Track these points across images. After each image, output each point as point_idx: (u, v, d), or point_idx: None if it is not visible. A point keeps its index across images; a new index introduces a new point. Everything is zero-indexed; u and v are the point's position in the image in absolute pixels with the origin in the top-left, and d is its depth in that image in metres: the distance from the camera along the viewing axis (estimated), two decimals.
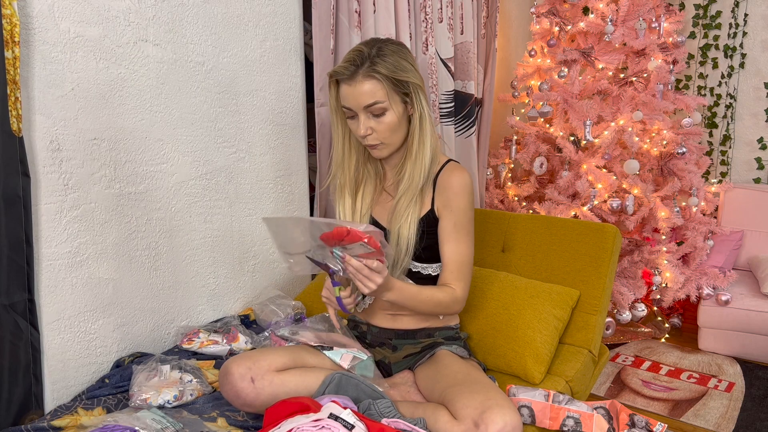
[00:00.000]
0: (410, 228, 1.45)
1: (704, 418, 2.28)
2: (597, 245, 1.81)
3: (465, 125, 2.83)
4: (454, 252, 1.48)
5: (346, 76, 1.38)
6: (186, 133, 1.76)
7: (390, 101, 1.40)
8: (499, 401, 1.23)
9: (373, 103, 1.39)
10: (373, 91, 1.38)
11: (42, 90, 1.41)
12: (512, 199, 3.16)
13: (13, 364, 1.39)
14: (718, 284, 2.84)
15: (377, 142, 1.44)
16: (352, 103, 1.40)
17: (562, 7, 3.07)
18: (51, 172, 1.45)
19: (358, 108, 1.40)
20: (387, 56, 1.39)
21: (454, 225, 1.47)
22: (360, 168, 1.54)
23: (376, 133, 1.42)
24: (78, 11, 1.46)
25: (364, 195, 1.55)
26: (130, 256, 1.65)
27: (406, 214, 1.45)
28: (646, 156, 2.90)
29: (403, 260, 1.46)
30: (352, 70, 1.37)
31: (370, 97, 1.38)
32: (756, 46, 3.30)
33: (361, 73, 1.37)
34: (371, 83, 1.38)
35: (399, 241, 1.45)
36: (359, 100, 1.38)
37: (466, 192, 1.47)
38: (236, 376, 1.35)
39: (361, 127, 1.41)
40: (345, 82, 1.39)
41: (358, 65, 1.37)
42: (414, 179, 1.45)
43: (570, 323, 1.80)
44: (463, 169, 1.51)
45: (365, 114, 1.40)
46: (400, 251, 1.45)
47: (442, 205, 1.48)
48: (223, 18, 1.81)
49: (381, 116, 1.41)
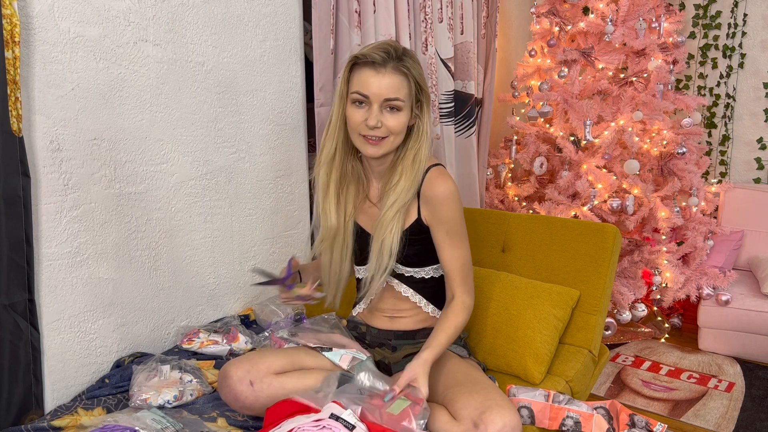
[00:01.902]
0: (393, 238, 1.42)
1: (704, 418, 2.28)
2: (597, 245, 1.81)
3: (465, 125, 2.83)
4: (451, 258, 1.46)
5: (378, 62, 1.34)
6: (186, 133, 1.76)
7: (407, 103, 1.38)
8: (499, 402, 1.23)
9: (395, 99, 1.35)
10: (399, 86, 1.35)
11: (42, 90, 1.41)
12: (512, 199, 3.16)
13: (13, 364, 1.39)
14: (718, 284, 2.83)
15: (385, 135, 1.38)
16: (373, 90, 1.34)
17: (562, 7, 3.06)
18: (51, 172, 1.45)
19: (377, 98, 1.35)
20: (416, 60, 1.40)
21: (446, 233, 1.45)
22: (346, 168, 1.50)
23: (385, 128, 1.38)
24: (78, 11, 1.46)
25: (347, 198, 1.51)
26: (130, 256, 1.65)
27: (391, 225, 1.42)
28: (646, 156, 2.90)
29: (387, 267, 1.44)
30: (384, 57, 1.34)
31: (395, 92, 1.35)
32: (755, 46, 3.30)
33: (392, 64, 1.34)
34: (401, 78, 1.35)
35: (382, 249, 1.42)
36: (383, 90, 1.34)
37: (452, 199, 1.44)
38: (235, 379, 1.35)
39: (372, 117, 1.36)
40: (372, 68, 1.34)
41: (391, 55, 1.34)
42: (402, 194, 1.42)
43: (570, 323, 1.80)
44: (446, 174, 1.47)
45: (380, 106, 1.36)
46: (382, 259, 1.43)
47: (430, 215, 1.45)
48: (223, 18, 1.81)
49: (394, 114, 1.37)
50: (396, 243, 1.41)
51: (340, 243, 1.50)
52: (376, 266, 1.43)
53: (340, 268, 1.52)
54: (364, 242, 1.50)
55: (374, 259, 1.44)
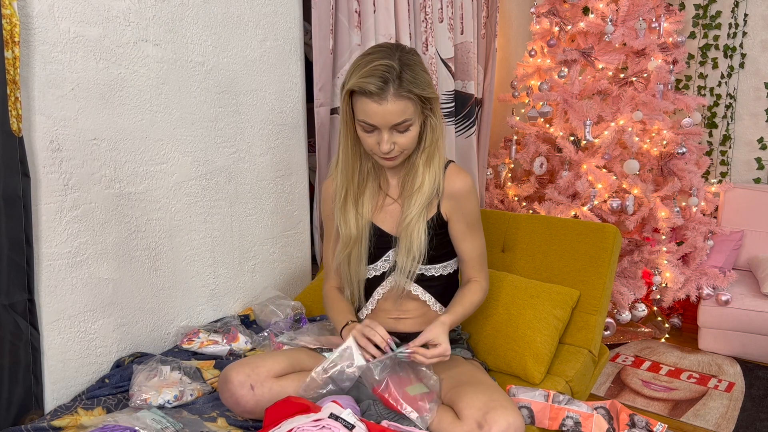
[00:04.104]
0: (421, 236, 1.44)
1: (704, 418, 2.28)
2: (597, 245, 1.81)
3: (465, 125, 2.83)
4: (471, 249, 1.54)
5: (375, 94, 1.30)
6: (186, 133, 1.76)
7: (416, 116, 1.38)
8: (503, 402, 1.23)
9: (402, 122, 1.35)
10: (404, 110, 1.33)
11: (42, 90, 1.41)
12: (512, 199, 3.16)
13: (13, 364, 1.39)
14: (718, 284, 2.83)
15: (398, 154, 1.40)
16: (378, 121, 1.33)
17: (562, 7, 3.06)
18: (51, 172, 1.45)
19: (384, 126, 1.35)
20: (415, 71, 1.34)
21: (467, 225, 1.52)
22: (363, 174, 1.51)
23: (397, 146, 1.39)
24: (78, 11, 1.46)
25: (364, 202, 1.52)
26: (130, 256, 1.65)
27: (418, 225, 1.44)
28: (646, 156, 2.90)
29: (414, 267, 1.46)
30: (382, 86, 1.30)
31: (399, 117, 1.33)
32: (756, 46, 3.30)
33: (392, 93, 1.31)
34: (404, 103, 1.33)
35: (411, 248, 1.45)
36: (387, 118, 1.33)
37: (473, 193, 1.52)
38: (236, 383, 1.34)
39: (384, 143, 1.36)
40: (372, 100, 1.31)
41: (388, 82, 1.30)
42: (426, 189, 1.44)
43: (570, 323, 1.80)
44: (464, 170, 1.52)
45: (390, 131, 1.36)
46: (413, 259, 1.45)
47: (451, 210, 1.50)
48: (223, 18, 1.81)
49: (405, 132, 1.37)
50: (424, 241, 1.46)
51: (359, 246, 1.52)
52: (404, 265, 1.46)
53: (358, 269, 1.54)
54: (383, 242, 1.52)
55: (403, 258, 1.46)
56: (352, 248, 1.51)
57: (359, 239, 1.51)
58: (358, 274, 1.54)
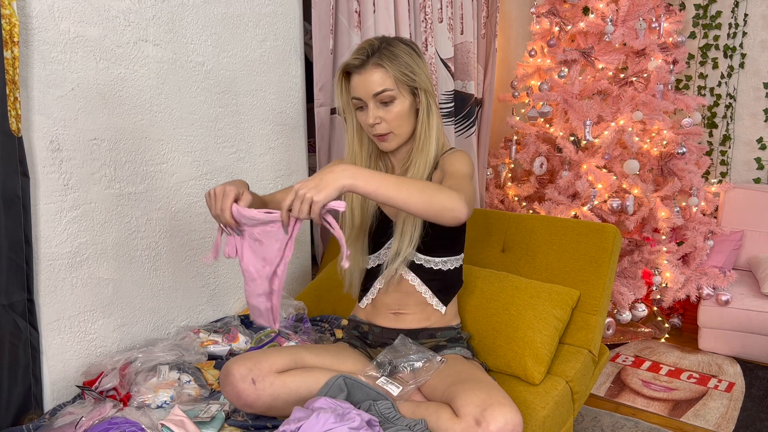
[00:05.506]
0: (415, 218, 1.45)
1: (704, 418, 2.28)
2: (597, 245, 1.81)
3: (465, 125, 2.83)
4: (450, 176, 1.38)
5: (356, 66, 1.42)
6: (186, 133, 1.76)
7: (399, 90, 1.43)
8: (501, 399, 1.23)
9: (382, 91, 1.41)
10: (382, 79, 1.41)
11: (42, 90, 1.41)
12: (512, 199, 3.16)
13: (13, 364, 1.39)
14: (718, 284, 2.83)
15: (387, 132, 1.45)
16: (361, 92, 1.42)
17: (562, 7, 3.06)
18: (51, 172, 1.45)
19: (367, 96, 1.42)
20: (396, 51, 1.43)
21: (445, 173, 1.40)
22: (371, 165, 1.56)
23: (385, 123, 1.44)
24: (78, 11, 1.46)
25: None
26: (130, 256, 1.65)
27: None
28: (646, 156, 2.90)
29: (406, 251, 1.47)
30: (363, 59, 1.41)
31: (378, 85, 1.41)
32: (756, 46, 3.30)
33: (370, 63, 1.41)
34: (380, 72, 1.41)
35: (404, 230, 1.46)
36: (368, 87, 1.41)
37: (462, 158, 1.45)
38: (237, 377, 1.35)
39: (370, 116, 1.43)
40: (355, 72, 1.42)
41: (368, 55, 1.41)
42: (419, 169, 1.47)
43: (570, 323, 1.80)
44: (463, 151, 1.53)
45: (374, 102, 1.43)
46: (408, 240, 1.46)
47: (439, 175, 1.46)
48: (223, 18, 1.81)
49: (390, 105, 1.43)
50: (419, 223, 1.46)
51: (362, 236, 1.56)
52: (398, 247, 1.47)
53: (361, 258, 1.57)
54: (384, 229, 1.54)
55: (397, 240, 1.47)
56: (355, 240, 1.54)
57: (363, 230, 1.54)
58: (359, 263, 1.57)
